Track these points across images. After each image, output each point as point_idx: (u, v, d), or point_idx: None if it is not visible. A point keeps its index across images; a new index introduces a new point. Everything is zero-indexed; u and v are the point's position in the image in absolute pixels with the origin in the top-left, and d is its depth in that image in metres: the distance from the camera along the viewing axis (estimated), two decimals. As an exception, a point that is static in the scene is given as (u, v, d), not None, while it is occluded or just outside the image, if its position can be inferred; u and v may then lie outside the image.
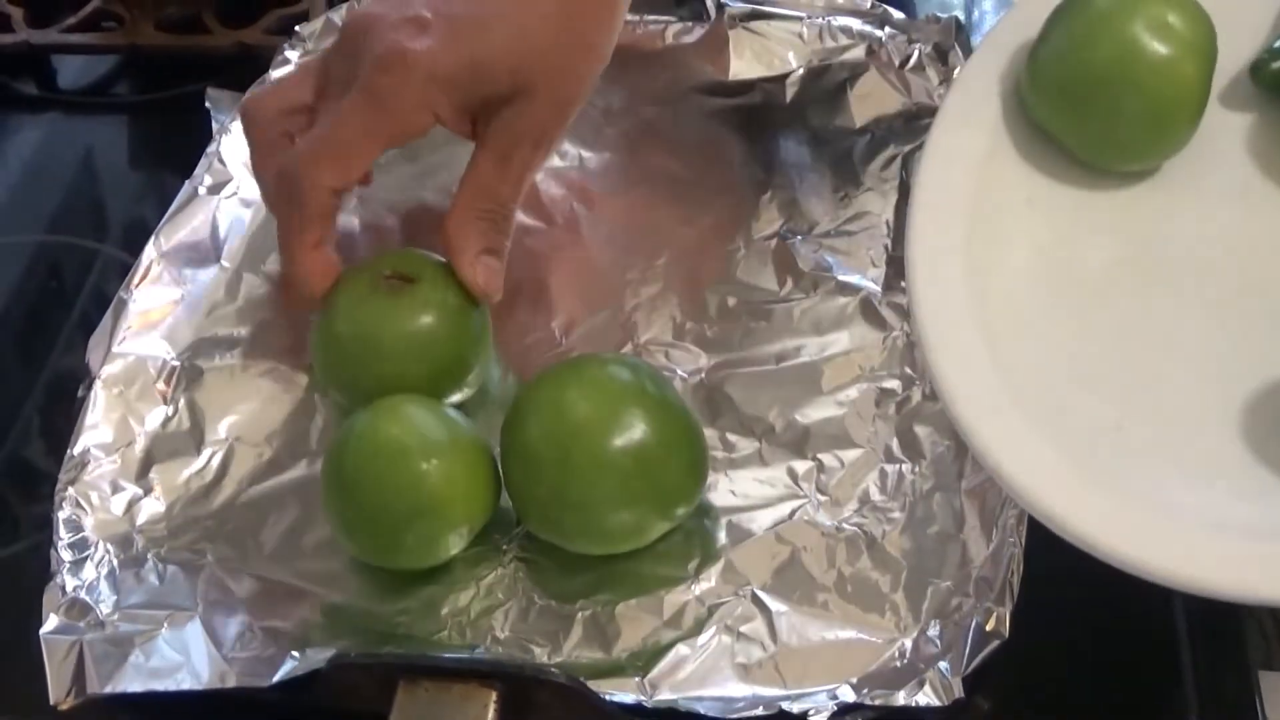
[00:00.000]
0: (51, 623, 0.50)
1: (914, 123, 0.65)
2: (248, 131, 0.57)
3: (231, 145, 0.66)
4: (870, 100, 0.66)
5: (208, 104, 0.68)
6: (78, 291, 0.64)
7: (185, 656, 0.49)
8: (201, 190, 0.64)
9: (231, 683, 0.48)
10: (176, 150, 0.66)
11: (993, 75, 0.52)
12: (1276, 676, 0.50)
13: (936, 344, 0.47)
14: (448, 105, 0.53)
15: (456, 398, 0.56)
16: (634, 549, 0.52)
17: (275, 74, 0.68)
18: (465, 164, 0.55)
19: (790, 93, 0.67)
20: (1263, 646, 0.50)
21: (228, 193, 0.64)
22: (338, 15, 0.70)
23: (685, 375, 0.58)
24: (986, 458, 0.45)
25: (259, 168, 0.57)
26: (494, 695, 0.46)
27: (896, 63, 0.67)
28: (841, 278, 0.60)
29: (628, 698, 0.47)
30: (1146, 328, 0.49)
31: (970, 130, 0.51)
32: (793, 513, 0.53)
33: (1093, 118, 0.50)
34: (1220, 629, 0.51)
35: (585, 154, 0.66)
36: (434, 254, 0.56)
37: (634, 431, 0.50)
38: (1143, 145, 0.51)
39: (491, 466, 0.52)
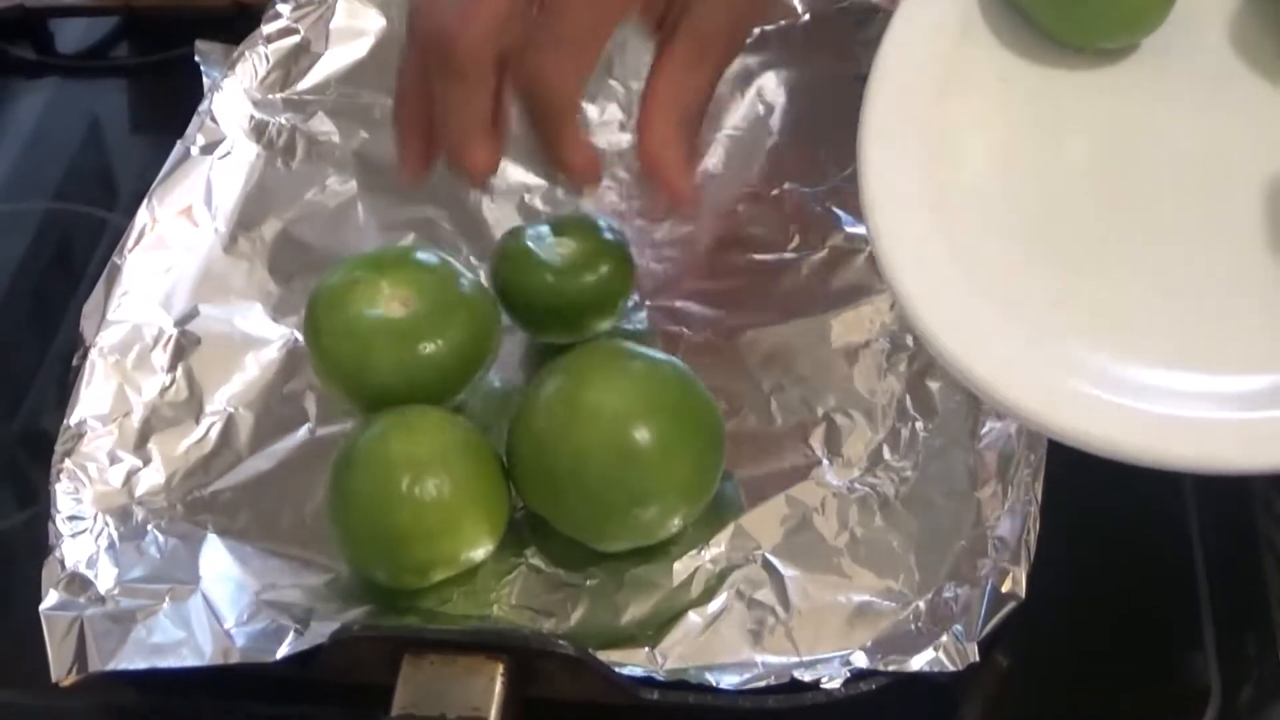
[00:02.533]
0: (51, 598, 0.49)
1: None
2: (462, 67, 0.48)
3: (224, 103, 0.65)
4: (878, 46, 0.64)
5: (197, 58, 0.67)
6: (87, 259, 0.63)
7: (188, 632, 0.48)
8: (194, 151, 0.63)
9: (235, 659, 0.47)
10: (180, 113, 0.65)
11: None
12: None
13: (888, 226, 0.46)
14: None
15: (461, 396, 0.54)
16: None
17: (266, 28, 0.67)
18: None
19: (797, 39, 0.66)
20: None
21: (221, 153, 0.63)
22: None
23: (692, 333, 0.57)
24: (916, 321, 0.44)
25: (475, 97, 0.49)
26: (501, 667, 0.45)
27: (905, 6, 0.65)
28: (851, 230, 0.59)
29: (637, 670, 0.47)
30: (1114, 211, 0.47)
31: (941, 5, 0.50)
32: (804, 474, 0.52)
33: None
34: (1242, 586, 0.50)
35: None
36: (439, 253, 0.54)
37: (657, 428, 0.48)
38: (1117, 21, 0.49)
39: (503, 476, 0.50)
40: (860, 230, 0.59)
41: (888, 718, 0.48)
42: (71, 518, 0.52)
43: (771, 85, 0.65)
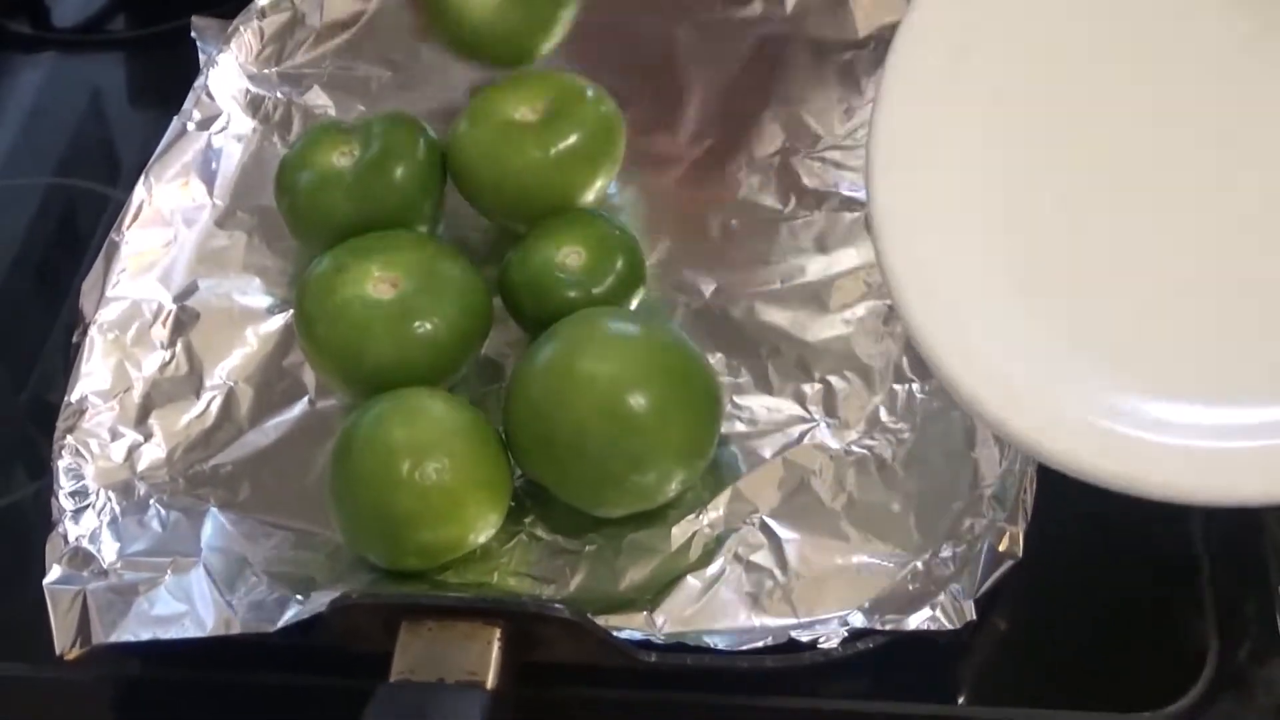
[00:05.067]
0: (54, 573, 0.49)
1: (918, 29, 0.63)
2: None
3: (219, 78, 0.65)
4: (872, 8, 0.64)
5: (193, 34, 0.66)
6: (91, 233, 0.63)
7: (189, 604, 0.48)
8: (190, 126, 0.63)
9: (236, 629, 0.47)
10: (180, 85, 0.65)
11: None
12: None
13: (898, 251, 0.45)
14: None
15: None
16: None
17: (261, 2, 0.67)
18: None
19: (790, 3, 0.65)
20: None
21: (217, 128, 0.63)
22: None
23: (688, 300, 0.57)
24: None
25: None
26: (498, 632, 0.45)
27: (899, -32, 0.65)
28: (846, 193, 0.59)
29: (635, 633, 0.47)
30: (1120, 230, 0.46)
31: (940, 24, 0.48)
32: (801, 437, 0.52)
33: None
34: (1240, 547, 0.50)
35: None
36: (419, 236, 0.54)
37: (653, 393, 0.48)
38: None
39: (505, 458, 0.50)
40: (856, 193, 0.59)
41: (887, 679, 0.48)
42: (74, 493, 0.52)
43: (766, 47, 0.64)
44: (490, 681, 0.44)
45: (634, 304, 0.55)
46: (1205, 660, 0.47)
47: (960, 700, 0.48)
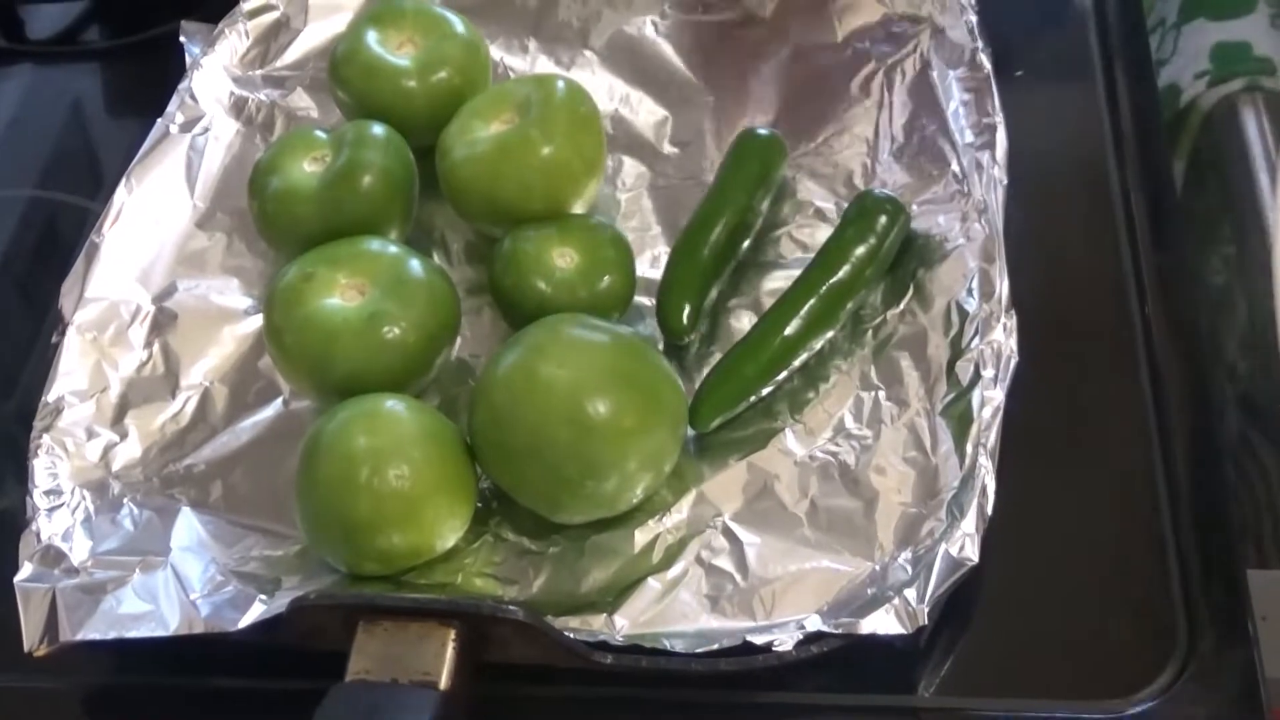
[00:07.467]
0: (26, 570, 0.50)
1: (895, 35, 0.63)
2: None
3: (203, 80, 0.65)
4: (851, 12, 0.65)
5: (182, 38, 0.67)
6: (73, 245, 0.63)
7: (155, 603, 0.49)
8: (173, 129, 0.63)
9: (199, 628, 0.48)
10: (156, 94, 0.65)
11: None
12: (1264, 575, 0.49)
13: None
14: None
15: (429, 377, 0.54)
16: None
17: (246, 4, 0.68)
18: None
19: (770, 7, 0.66)
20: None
21: (200, 130, 0.64)
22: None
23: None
24: None
25: None
26: (453, 633, 0.45)
27: (878, -28, 0.65)
28: (821, 204, 0.59)
29: (592, 635, 0.47)
30: None
31: None
32: (766, 441, 0.53)
33: None
34: (1208, 540, 0.50)
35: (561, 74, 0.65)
36: (385, 242, 0.54)
37: (614, 401, 0.48)
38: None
39: (469, 464, 0.50)
40: (827, 205, 0.59)
41: (849, 674, 0.48)
42: (49, 492, 0.53)
43: (745, 51, 0.65)
44: (444, 682, 0.44)
45: (628, 305, 0.55)
46: (1173, 649, 0.47)
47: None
